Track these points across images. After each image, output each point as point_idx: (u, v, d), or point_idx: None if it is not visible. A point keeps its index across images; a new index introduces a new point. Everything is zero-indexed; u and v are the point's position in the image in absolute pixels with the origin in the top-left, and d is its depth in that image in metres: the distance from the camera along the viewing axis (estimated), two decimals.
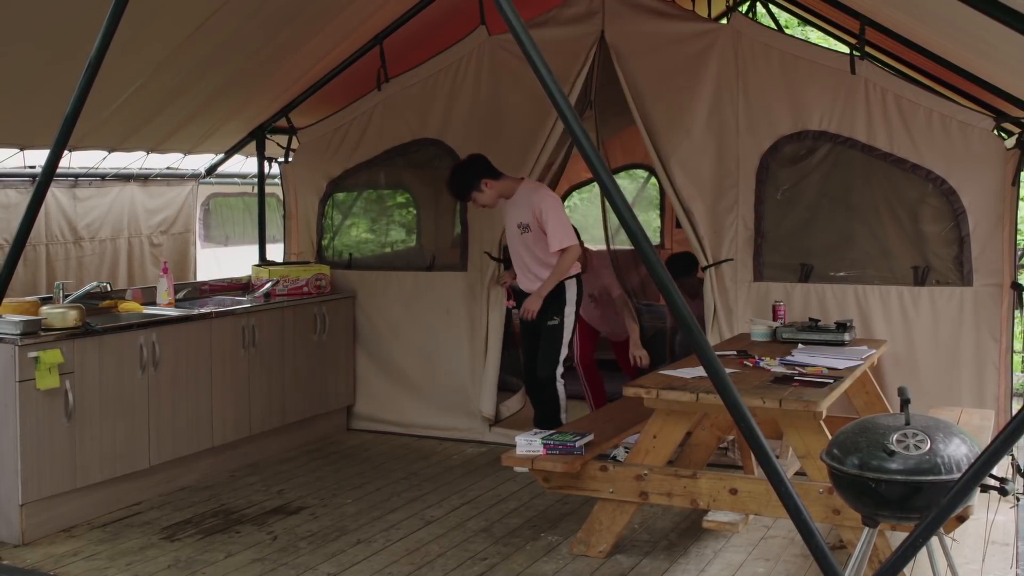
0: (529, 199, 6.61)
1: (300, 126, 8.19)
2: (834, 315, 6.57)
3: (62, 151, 4.72)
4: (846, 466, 3.42)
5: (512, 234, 6.82)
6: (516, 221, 6.71)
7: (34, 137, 6.41)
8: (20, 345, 5.36)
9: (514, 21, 3.73)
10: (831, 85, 6.60)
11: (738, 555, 5.27)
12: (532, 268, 6.78)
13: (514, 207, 6.73)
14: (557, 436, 5.26)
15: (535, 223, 6.60)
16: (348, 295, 7.90)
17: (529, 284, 6.82)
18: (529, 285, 6.81)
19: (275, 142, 8.33)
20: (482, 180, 6.63)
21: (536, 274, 6.76)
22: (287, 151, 8.34)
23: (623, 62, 7.00)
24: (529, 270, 6.81)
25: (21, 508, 5.44)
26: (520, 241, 6.75)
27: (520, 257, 6.84)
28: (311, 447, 7.38)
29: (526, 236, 6.69)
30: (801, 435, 4.82)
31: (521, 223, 6.68)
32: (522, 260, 6.83)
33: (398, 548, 5.42)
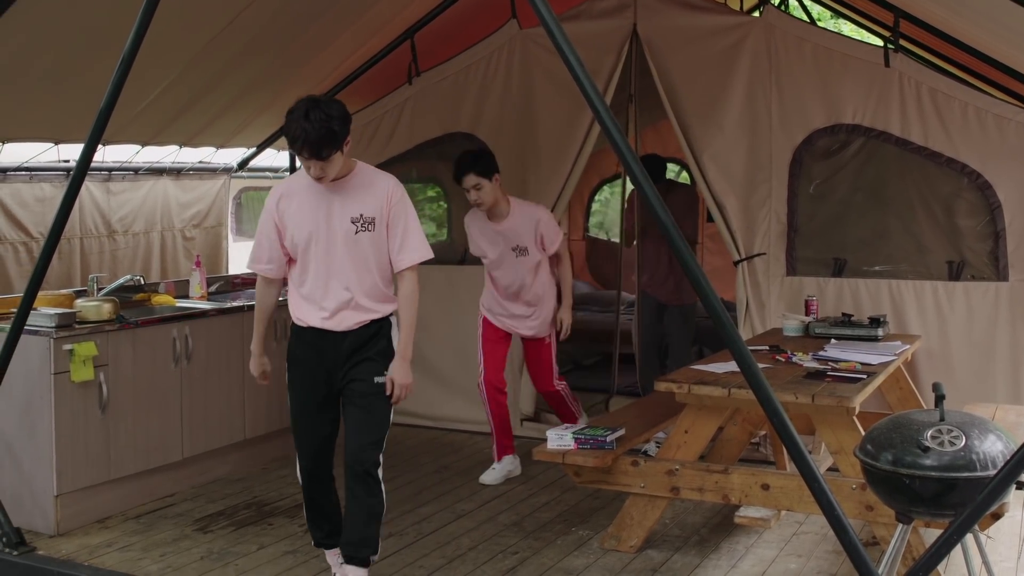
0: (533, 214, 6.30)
1: None
2: (867, 310, 6.52)
3: (96, 145, 4.79)
4: (880, 462, 3.40)
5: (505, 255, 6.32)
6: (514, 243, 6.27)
7: (68, 131, 6.46)
8: (55, 338, 5.41)
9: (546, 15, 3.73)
10: (865, 78, 6.55)
11: (770, 551, 5.24)
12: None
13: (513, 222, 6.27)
14: (588, 431, 5.25)
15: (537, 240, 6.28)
16: None
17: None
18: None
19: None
20: (496, 174, 6.21)
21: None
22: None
23: (656, 56, 6.98)
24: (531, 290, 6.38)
25: (56, 499, 5.48)
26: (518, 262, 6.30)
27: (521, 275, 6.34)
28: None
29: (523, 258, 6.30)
30: (834, 431, 4.79)
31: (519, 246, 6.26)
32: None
33: (429, 541, 5.43)
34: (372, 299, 4.44)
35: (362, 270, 4.40)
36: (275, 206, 4.43)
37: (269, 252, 4.49)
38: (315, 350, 4.43)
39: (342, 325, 4.40)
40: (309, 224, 4.37)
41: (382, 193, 4.45)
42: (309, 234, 4.36)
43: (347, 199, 4.39)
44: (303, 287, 4.44)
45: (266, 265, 4.51)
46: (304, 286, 4.43)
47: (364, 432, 4.42)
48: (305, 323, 4.43)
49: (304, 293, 4.44)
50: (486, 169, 6.11)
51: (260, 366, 4.68)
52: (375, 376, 4.44)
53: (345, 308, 4.39)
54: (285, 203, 4.42)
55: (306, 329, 4.44)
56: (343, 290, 4.38)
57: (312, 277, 4.40)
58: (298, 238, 4.37)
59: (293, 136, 4.22)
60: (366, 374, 4.43)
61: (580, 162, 7.25)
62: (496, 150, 7.50)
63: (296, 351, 4.50)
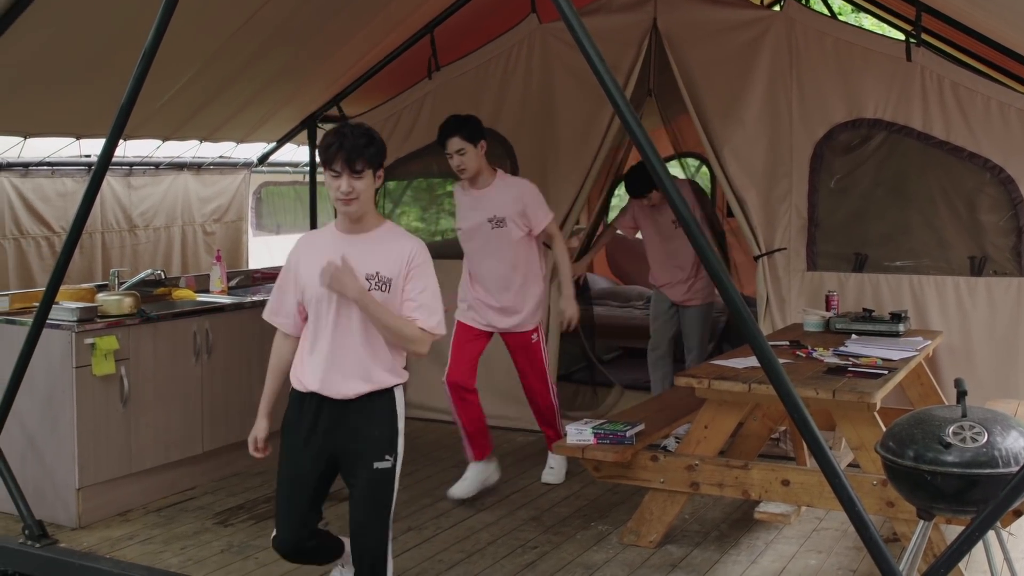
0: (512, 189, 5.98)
1: (351, 115, 8.21)
2: (888, 305, 6.49)
3: (118, 140, 4.80)
4: (901, 458, 3.38)
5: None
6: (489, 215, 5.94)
7: (90, 126, 6.49)
8: (77, 331, 5.44)
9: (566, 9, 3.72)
10: (886, 72, 6.51)
11: (790, 547, 5.23)
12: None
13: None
14: (608, 425, 5.25)
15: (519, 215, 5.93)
16: None
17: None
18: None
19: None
20: (482, 141, 5.87)
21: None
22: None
23: (675, 50, 6.96)
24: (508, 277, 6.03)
25: (78, 492, 5.52)
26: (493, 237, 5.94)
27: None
28: None
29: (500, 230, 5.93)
30: (855, 426, 4.78)
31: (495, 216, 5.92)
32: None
33: (448, 535, 5.44)
34: (379, 366, 3.94)
35: (372, 332, 3.91)
36: (295, 259, 4.05)
37: (285, 305, 4.06)
38: (312, 417, 3.94)
39: (343, 392, 3.91)
40: (318, 280, 3.89)
41: (404, 254, 3.94)
42: (319, 292, 3.88)
43: (365, 255, 3.90)
44: (309, 347, 3.97)
45: (282, 319, 4.08)
46: (310, 346, 3.96)
47: (368, 524, 3.96)
48: (304, 387, 3.95)
49: (309, 353, 3.96)
50: (472, 134, 5.80)
51: (255, 431, 4.13)
52: (375, 462, 3.93)
53: (348, 373, 3.91)
54: (302, 256, 4.02)
55: (304, 394, 3.96)
56: (349, 353, 3.90)
57: (319, 337, 3.93)
58: (310, 295, 3.93)
59: (327, 143, 3.85)
60: (368, 458, 3.92)
61: (600, 157, 7.24)
62: (516, 145, 7.54)
63: (291, 417, 4.01)
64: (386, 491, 3.97)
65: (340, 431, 3.93)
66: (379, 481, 3.94)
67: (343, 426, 3.93)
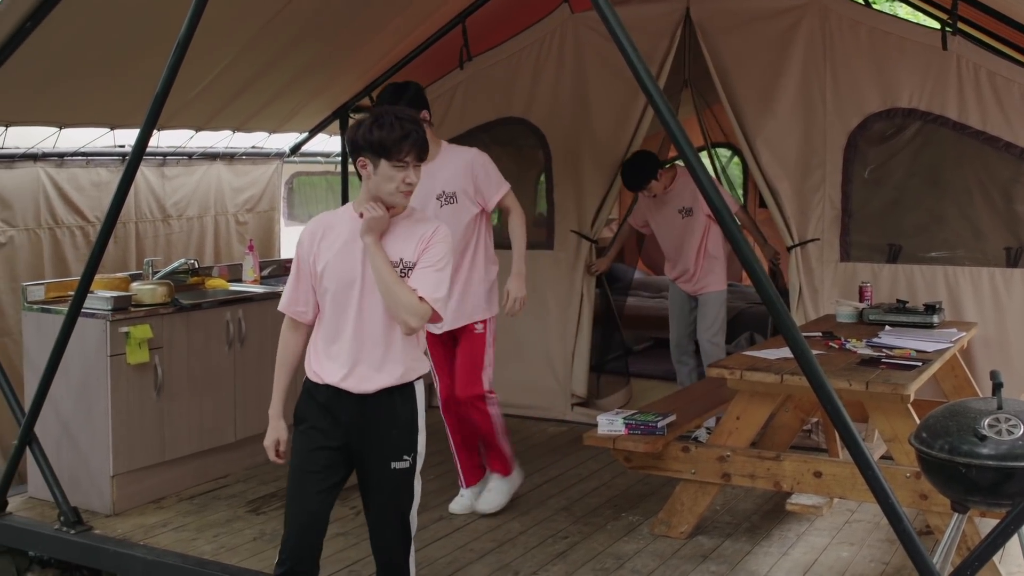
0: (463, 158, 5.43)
1: None
2: (923, 297, 6.44)
3: (151, 130, 4.83)
4: (935, 450, 3.36)
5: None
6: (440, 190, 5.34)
7: (123, 117, 6.53)
8: (111, 320, 5.49)
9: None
10: (921, 61, 6.45)
11: (822, 539, 5.21)
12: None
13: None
14: (639, 416, 5.24)
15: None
16: None
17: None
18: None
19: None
20: (425, 110, 5.33)
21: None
22: None
23: (709, 40, 6.93)
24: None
25: (112, 479, 5.57)
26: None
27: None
28: None
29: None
30: (888, 418, 4.74)
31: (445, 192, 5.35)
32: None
33: (480, 525, 5.45)
34: (402, 357, 3.76)
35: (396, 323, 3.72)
36: (310, 243, 3.77)
37: (305, 294, 3.81)
38: (328, 412, 3.75)
39: (363, 386, 3.71)
40: (347, 267, 3.71)
41: (424, 235, 3.74)
42: (345, 278, 3.70)
43: (390, 241, 3.72)
44: (326, 338, 3.76)
45: (300, 308, 3.82)
46: (328, 337, 3.76)
47: (385, 527, 3.83)
48: (321, 380, 3.75)
49: (326, 344, 3.76)
50: (412, 104, 5.14)
51: (276, 434, 3.90)
52: (392, 462, 3.76)
53: (370, 366, 3.72)
54: (322, 241, 3.76)
55: (321, 387, 3.75)
56: (373, 344, 3.71)
57: (339, 327, 3.74)
58: (331, 282, 3.72)
59: (398, 136, 3.62)
60: (385, 457, 3.76)
61: (634, 147, 7.22)
62: (549, 135, 7.53)
63: (305, 411, 3.79)
64: (404, 492, 3.81)
65: (358, 427, 3.73)
66: (396, 482, 3.77)
67: (362, 422, 3.73)
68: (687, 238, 7.03)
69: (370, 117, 3.73)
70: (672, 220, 7.09)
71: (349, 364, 3.71)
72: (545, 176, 7.72)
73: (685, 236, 7.03)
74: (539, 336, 7.63)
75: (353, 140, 3.70)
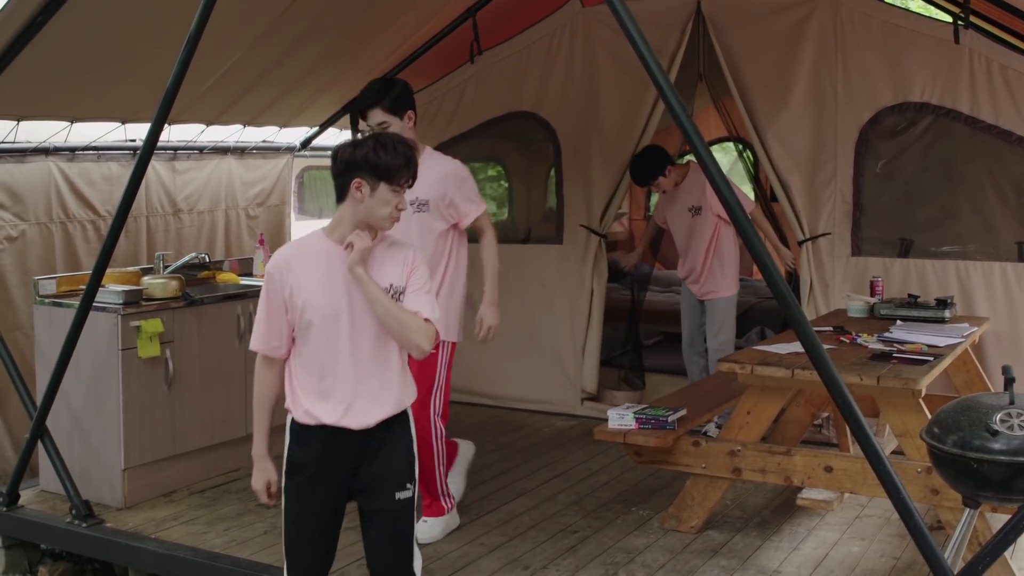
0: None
1: None
2: (934, 291, 6.42)
3: (162, 125, 4.83)
4: (947, 445, 3.35)
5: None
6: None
7: (135, 111, 6.54)
8: (123, 314, 5.50)
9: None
10: (933, 55, 6.42)
11: (832, 533, 5.20)
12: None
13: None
14: (650, 410, 5.24)
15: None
16: None
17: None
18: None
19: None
20: (410, 111, 5.00)
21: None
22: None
23: (720, 33, 6.91)
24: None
25: (123, 473, 5.59)
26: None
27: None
28: None
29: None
30: (899, 413, 4.73)
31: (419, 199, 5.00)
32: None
33: (490, 519, 5.45)
34: (398, 386, 3.63)
35: (391, 351, 3.60)
36: (281, 276, 3.54)
37: (279, 329, 3.58)
38: (325, 454, 3.56)
39: (363, 421, 3.55)
40: (331, 299, 3.52)
41: (408, 259, 3.63)
42: (331, 311, 3.51)
43: (375, 267, 3.56)
44: (315, 375, 3.56)
45: (276, 343, 3.59)
46: (316, 374, 3.56)
47: (392, 560, 3.65)
48: (317, 421, 3.55)
49: (315, 382, 3.56)
50: (397, 104, 4.88)
51: (265, 475, 3.69)
52: (397, 492, 3.60)
53: (368, 398, 3.56)
54: (296, 274, 3.53)
55: (315, 428, 3.56)
56: (369, 375, 3.56)
57: (328, 362, 3.54)
58: (315, 315, 3.51)
59: (402, 162, 3.52)
60: (389, 489, 3.60)
61: (644, 141, 7.21)
62: (559, 129, 7.53)
63: (298, 456, 3.60)
64: (408, 521, 3.67)
65: (359, 463, 3.58)
66: (401, 513, 3.63)
67: (362, 458, 3.58)
68: (695, 237, 6.88)
69: (370, 139, 3.58)
70: (681, 217, 6.96)
71: (347, 399, 3.54)
72: (555, 171, 7.71)
73: (693, 235, 6.89)
74: (548, 331, 7.63)
75: (351, 160, 3.53)
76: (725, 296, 6.90)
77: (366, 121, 4.94)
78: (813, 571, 4.76)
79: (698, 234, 6.85)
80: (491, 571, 4.80)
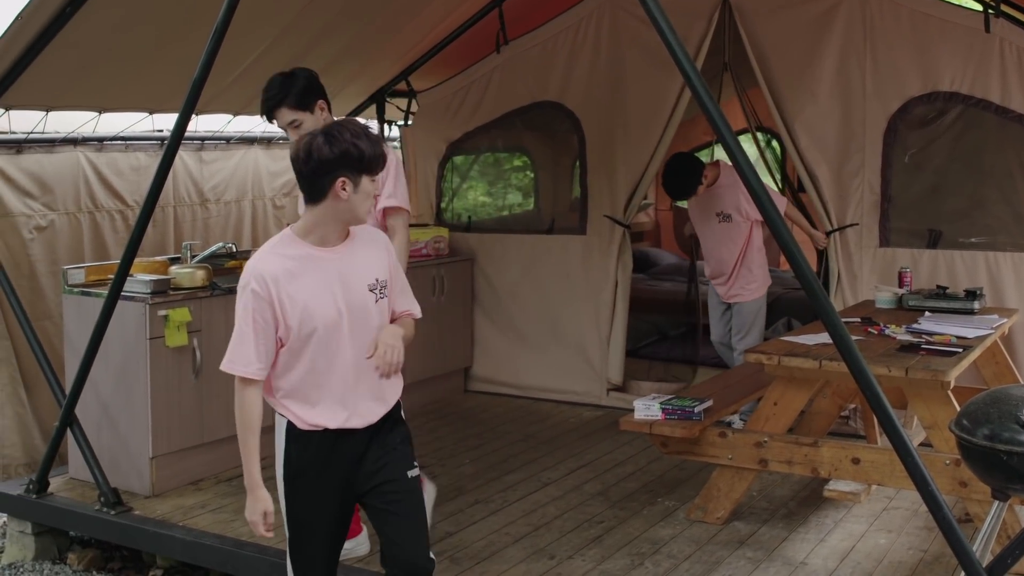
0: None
1: (420, 89, 8.24)
2: (963, 283, 6.37)
3: (190, 115, 4.85)
4: (976, 437, 3.32)
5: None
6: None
7: (162, 101, 6.56)
8: (150, 304, 5.53)
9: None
10: (963, 44, 6.37)
11: (859, 525, 5.18)
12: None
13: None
14: (676, 401, 5.23)
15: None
16: (467, 257, 7.94)
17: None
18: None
19: (395, 105, 8.40)
20: (321, 100, 4.59)
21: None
22: (407, 114, 8.40)
23: (747, 22, 6.87)
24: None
25: (151, 461, 5.62)
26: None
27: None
28: (429, 408, 7.45)
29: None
30: (928, 405, 4.71)
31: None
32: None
33: (515, 509, 5.46)
34: (395, 381, 3.57)
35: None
36: (268, 292, 3.33)
37: (267, 349, 3.38)
38: (328, 455, 3.46)
39: (366, 420, 3.48)
40: (327, 305, 3.37)
41: (382, 246, 3.57)
42: (331, 318, 3.38)
43: (357, 263, 3.45)
44: (312, 384, 3.44)
45: (261, 365, 3.38)
46: (314, 382, 3.43)
47: (415, 540, 3.53)
48: (319, 426, 3.45)
49: (313, 391, 3.44)
50: (304, 98, 4.48)
51: (262, 505, 3.48)
52: (407, 471, 3.54)
53: (372, 399, 3.49)
54: (284, 286, 3.34)
55: (315, 434, 3.46)
56: (367, 376, 3.47)
57: (327, 370, 3.42)
58: (314, 325, 3.37)
59: (380, 150, 3.39)
60: (398, 471, 3.52)
61: (669, 131, 7.18)
62: (584, 119, 7.50)
63: (300, 462, 3.50)
64: (421, 500, 3.61)
65: (361, 457, 3.49)
66: (414, 487, 3.55)
67: (365, 452, 3.49)
68: (725, 244, 6.73)
69: (337, 131, 3.32)
70: (709, 223, 6.82)
71: (351, 403, 3.45)
72: (579, 161, 7.70)
73: (722, 242, 6.75)
74: (573, 321, 7.63)
75: (329, 158, 3.29)
76: (753, 299, 6.77)
77: (275, 123, 4.55)
78: (840, 563, 4.74)
79: (728, 242, 6.72)
80: (516, 560, 4.81)
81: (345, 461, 3.48)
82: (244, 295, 3.34)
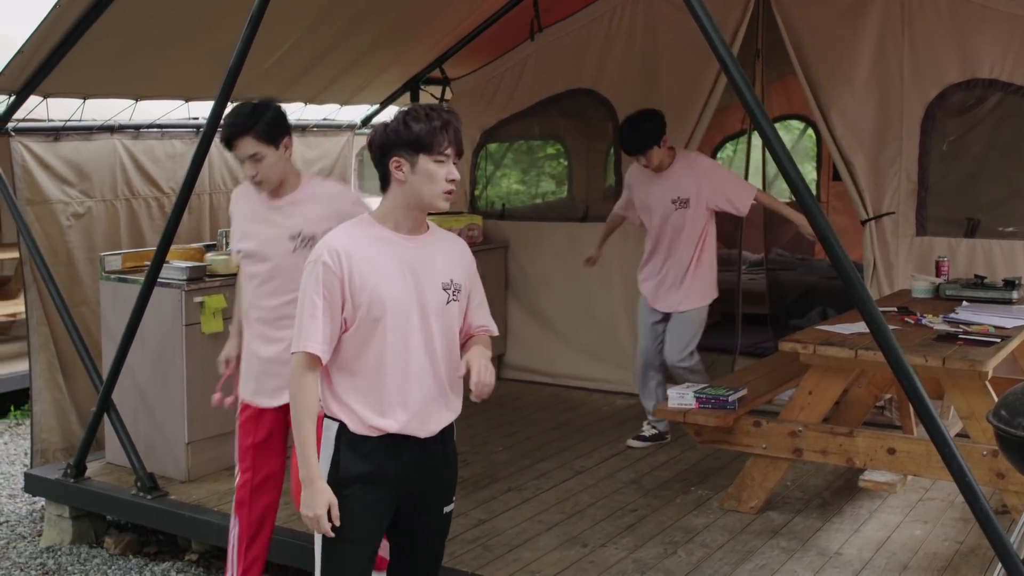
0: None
1: (454, 77, 8.24)
2: (1001, 272, 6.30)
3: (226, 103, 4.87)
4: (1015, 428, 3.29)
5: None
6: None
7: (198, 89, 6.59)
8: (186, 290, 5.57)
9: None
10: (1004, 31, 6.28)
11: (894, 516, 5.15)
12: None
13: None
14: (710, 390, 5.21)
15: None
16: (500, 245, 7.94)
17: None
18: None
19: (429, 93, 8.40)
20: (287, 137, 4.25)
21: None
22: (441, 101, 8.39)
23: (783, 9, 6.81)
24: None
25: (187, 446, 5.66)
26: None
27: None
28: None
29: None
30: (965, 395, 4.67)
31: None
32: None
33: (548, 497, 5.47)
34: (454, 387, 3.36)
35: (453, 352, 3.34)
36: (340, 266, 3.15)
37: (335, 326, 3.19)
38: (382, 463, 3.22)
39: (428, 428, 3.27)
40: (399, 291, 3.19)
41: (464, 252, 3.43)
42: (401, 305, 3.19)
43: (434, 259, 3.30)
44: (375, 380, 3.22)
45: (323, 345, 3.16)
46: (378, 378, 3.22)
47: (432, 570, 3.45)
48: (379, 429, 3.21)
49: (377, 388, 3.22)
50: (271, 131, 4.14)
51: (326, 498, 3.17)
52: (444, 506, 3.38)
53: (436, 405, 3.29)
54: (357, 262, 3.17)
55: (371, 439, 3.21)
56: (435, 377, 3.28)
57: (393, 363, 3.21)
58: (382, 310, 3.17)
59: (438, 126, 3.22)
60: (435, 506, 3.36)
61: (704, 118, 7.14)
62: (619, 106, 7.47)
63: (354, 468, 3.21)
64: (445, 535, 3.47)
65: (414, 474, 3.28)
66: (444, 526, 3.42)
67: (419, 468, 3.29)
68: (677, 235, 6.04)
69: (399, 114, 3.28)
70: (662, 207, 6.04)
71: (416, 405, 3.24)
72: (613, 148, 7.68)
73: (674, 233, 6.04)
74: (606, 310, 7.61)
75: (383, 142, 3.24)
76: (699, 306, 6.14)
77: (233, 152, 4.21)
78: (875, 554, 4.72)
79: (681, 233, 6.02)
80: (549, 548, 4.82)
81: (398, 472, 3.24)
82: (315, 268, 3.16)
